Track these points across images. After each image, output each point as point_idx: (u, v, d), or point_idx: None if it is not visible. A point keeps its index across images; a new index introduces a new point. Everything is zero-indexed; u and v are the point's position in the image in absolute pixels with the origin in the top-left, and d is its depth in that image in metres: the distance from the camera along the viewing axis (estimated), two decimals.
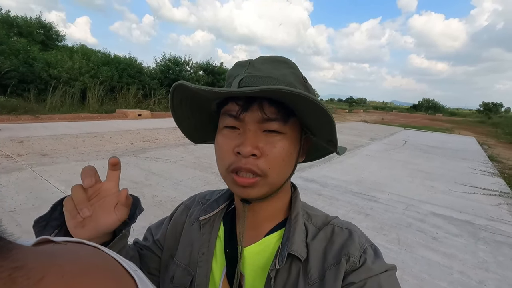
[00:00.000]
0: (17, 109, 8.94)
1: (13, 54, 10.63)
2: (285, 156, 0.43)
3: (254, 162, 0.41)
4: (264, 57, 0.46)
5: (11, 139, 5.52)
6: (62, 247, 0.21)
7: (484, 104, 56.21)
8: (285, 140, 0.43)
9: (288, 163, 0.44)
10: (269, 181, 0.43)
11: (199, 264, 0.51)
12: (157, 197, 3.38)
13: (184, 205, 0.62)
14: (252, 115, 0.41)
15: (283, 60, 0.46)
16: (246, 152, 0.40)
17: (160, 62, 16.80)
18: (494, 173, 6.47)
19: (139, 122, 9.96)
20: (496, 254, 2.73)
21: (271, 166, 0.42)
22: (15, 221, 2.54)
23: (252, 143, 0.41)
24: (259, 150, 0.41)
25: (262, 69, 0.43)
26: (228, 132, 0.44)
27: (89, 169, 0.43)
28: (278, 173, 0.43)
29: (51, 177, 3.67)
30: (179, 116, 0.48)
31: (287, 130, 0.43)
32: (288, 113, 0.42)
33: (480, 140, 13.87)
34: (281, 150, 0.42)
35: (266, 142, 0.42)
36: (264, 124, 0.42)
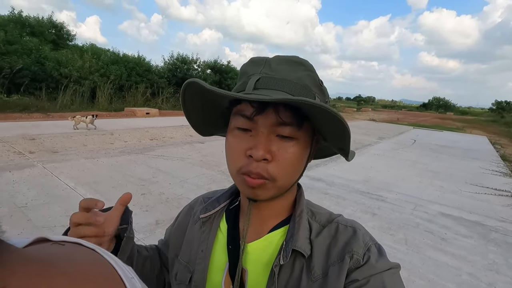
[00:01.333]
0: (29, 107, 9.15)
1: (25, 53, 10.87)
2: (296, 162, 0.43)
3: (264, 167, 0.41)
4: (280, 57, 0.45)
5: (23, 136, 5.65)
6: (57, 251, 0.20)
7: (497, 103, 54.82)
8: (298, 145, 0.43)
9: (298, 168, 0.45)
10: (278, 185, 0.43)
11: (197, 261, 0.52)
12: (164, 195, 3.41)
13: (189, 205, 0.64)
14: (266, 119, 0.41)
15: (300, 61, 0.45)
16: (258, 156, 0.40)
17: (168, 61, 16.95)
18: (506, 173, 6.32)
19: (147, 120, 10.07)
20: (507, 256, 2.67)
21: (281, 171, 0.42)
22: (27, 217, 2.60)
23: (265, 147, 0.41)
24: (271, 155, 0.41)
25: (278, 70, 0.43)
26: (240, 133, 0.43)
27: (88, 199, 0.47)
28: (287, 177, 0.44)
29: (61, 174, 3.74)
30: (189, 109, 0.48)
31: (300, 135, 0.42)
32: (303, 118, 0.41)
33: (492, 140, 13.55)
34: (292, 155, 0.42)
35: (278, 147, 0.42)
36: (278, 128, 0.41)
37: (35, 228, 2.44)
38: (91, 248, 0.23)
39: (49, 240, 0.22)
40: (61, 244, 0.21)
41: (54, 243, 0.21)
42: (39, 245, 0.21)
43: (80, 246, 0.23)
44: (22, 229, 2.41)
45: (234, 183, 0.57)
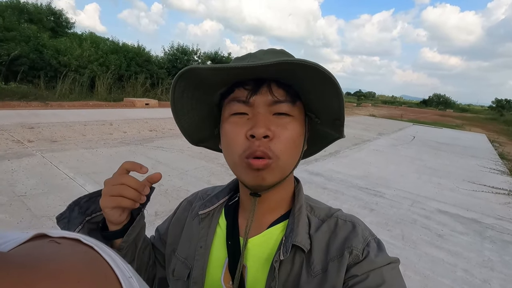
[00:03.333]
0: (28, 95, 9.07)
1: (23, 40, 10.71)
2: (296, 138, 0.44)
3: (267, 144, 0.41)
4: (263, 50, 0.47)
5: (22, 125, 5.62)
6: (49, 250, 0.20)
7: (497, 101, 54.78)
8: (295, 122, 0.44)
9: (298, 145, 0.45)
10: (281, 164, 0.43)
11: (196, 258, 0.51)
12: (163, 186, 3.42)
13: (186, 201, 0.63)
14: (261, 98, 0.42)
15: (281, 51, 0.47)
16: (259, 133, 0.40)
17: (168, 52, 16.76)
18: (504, 171, 6.35)
19: (147, 111, 10.02)
20: (502, 253, 2.70)
21: (283, 148, 0.42)
22: (26, 206, 2.61)
23: (265, 125, 0.41)
24: (272, 132, 0.41)
25: (264, 58, 0.43)
26: (236, 119, 0.44)
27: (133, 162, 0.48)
28: (289, 155, 0.44)
29: (60, 163, 3.74)
30: (179, 110, 0.48)
31: (295, 112, 0.44)
32: (295, 95, 0.43)
33: (491, 138, 13.59)
34: (292, 132, 0.43)
35: (277, 125, 0.42)
36: (274, 106, 0.42)
37: (34, 217, 2.44)
38: (89, 245, 0.22)
39: (48, 236, 0.21)
40: (57, 242, 0.21)
41: (51, 241, 0.21)
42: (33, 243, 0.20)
43: (77, 243, 0.22)
44: (21, 218, 2.41)
45: (233, 179, 0.58)
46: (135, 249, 0.53)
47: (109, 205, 0.45)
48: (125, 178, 0.46)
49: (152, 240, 0.65)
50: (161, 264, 0.62)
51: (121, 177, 0.46)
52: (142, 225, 0.53)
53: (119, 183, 0.45)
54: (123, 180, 0.46)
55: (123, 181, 0.46)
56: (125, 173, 0.47)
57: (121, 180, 0.46)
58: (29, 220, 2.39)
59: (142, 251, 0.56)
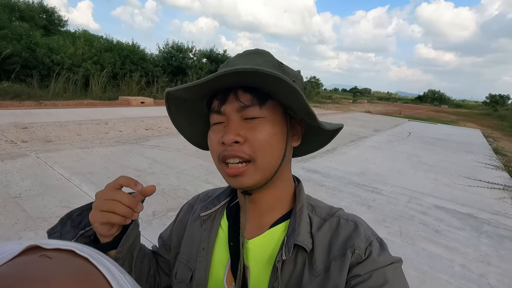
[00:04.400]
0: (21, 94, 8.94)
1: (15, 39, 10.53)
2: (269, 139, 0.44)
3: (238, 149, 0.43)
4: (240, 53, 0.48)
5: (15, 125, 5.54)
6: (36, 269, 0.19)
7: (491, 96, 55.33)
8: (266, 122, 0.44)
9: (274, 145, 0.44)
10: (258, 165, 0.44)
11: (199, 259, 0.52)
12: (161, 185, 3.39)
13: (188, 204, 0.63)
14: (230, 106, 0.43)
15: (257, 51, 0.47)
16: (228, 140, 0.42)
17: (163, 49, 16.60)
18: (498, 166, 6.42)
19: (142, 109, 9.94)
20: (499, 248, 2.73)
21: (256, 149, 0.43)
22: (21, 207, 2.57)
23: (233, 131, 0.43)
24: (242, 137, 0.43)
25: (237, 64, 0.45)
26: (216, 127, 0.46)
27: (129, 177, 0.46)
28: (265, 156, 0.44)
29: (56, 164, 3.69)
30: (180, 123, 0.51)
31: (265, 113, 0.43)
32: (264, 96, 0.43)
33: (486, 133, 13.73)
34: (263, 133, 0.43)
35: (247, 129, 0.43)
36: (243, 112, 0.43)
37: (29, 218, 2.41)
38: (84, 257, 0.21)
39: (41, 248, 0.20)
40: (48, 257, 0.20)
41: (42, 256, 0.20)
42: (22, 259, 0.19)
43: (71, 256, 0.21)
44: (17, 219, 2.38)
45: None
46: (132, 259, 0.52)
47: (98, 220, 0.44)
48: (118, 194, 0.44)
49: (155, 248, 0.65)
50: (165, 272, 0.62)
51: (114, 192, 0.44)
52: (137, 234, 0.52)
53: (111, 199, 0.44)
54: (116, 196, 0.44)
55: (116, 197, 0.44)
56: (118, 187, 0.45)
57: (114, 196, 0.44)
58: (24, 221, 2.36)
59: (140, 261, 0.55)
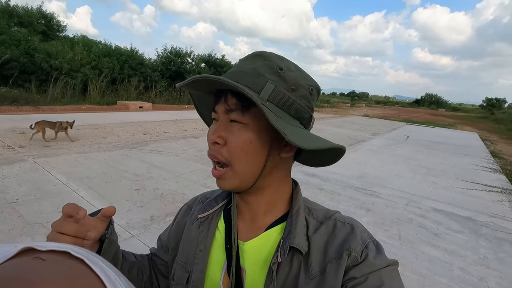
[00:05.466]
0: (19, 100, 8.92)
1: (13, 44, 10.54)
2: (244, 146, 0.44)
3: (217, 150, 0.45)
4: (248, 55, 0.49)
5: (13, 130, 5.52)
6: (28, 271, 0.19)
7: (488, 100, 55.73)
8: (245, 129, 0.44)
9: (249, 153, 0.44)
10: (235, 171, 0.45)
11: (195, 261, 0.52)
12: (159, 190, 3.38)
13: (186, 206, 0.64)
14: (220, 107, 0.45)
15: (260, 54, 0.47)
16: (209, 140, 0.46)
17: (162, 54, 16.66)
18: (496, 169, 6.45)
19: (141, 114, 9.94)
20: (497, 251, 2.73)
21: (232, 155, 0.44)
22: (18, 213, 2.55)
23: (216, 132, 0.45)
24: (223, 139, 0.44)
25: (240, 66, 0.46)
26: (213, 123, 0.48)
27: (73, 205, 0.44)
28: (241, 162, 0.44)
29: (53, 169, 3.67)
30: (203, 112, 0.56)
31: (247, 120, 0.44)
32: (250, 103, 0.42)
33: (483, 136, 13.81)
34: (240, 139, 0.44)
35: (228, 131, 0.44)
36: (229, 114, 0.44)
37: (26, 224, 2.39)
38: (79, 258, 0.21)
39: (35, 250, 0.20)
40: (42, 259, 0.20)
41: (35, 258, 0.20)
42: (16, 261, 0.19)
43: (65, 258, 0.21)
44: (13, 225, 2.36)
45: None
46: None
47: None
48: (64, 226, 0.43)
49: (154, 250, 0.65)
50: (163, 274, 0.62)
51: (61, 224, 0.43)
52: (116, 250, 0.52)
53: (59, 232, 0.43)
54: (62, 228, 0.43)
55: (61, 230, 0.43)
56: (67, 217, 0.43)
57: (60, 228, 0.43)
58: (21, 227, 2.34)
59: (127, 271, 0.56)
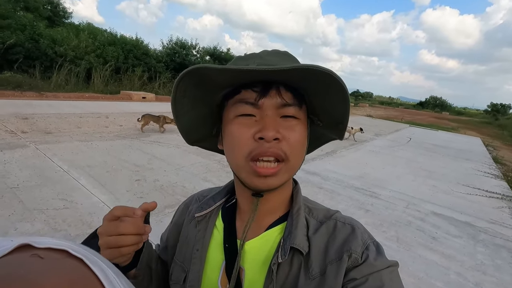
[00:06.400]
0: (22, 85, 8.93)
1: (19, 29, 10.52)
2: (303, 141, 0.44)
3: (278, 146, 0.41)
4: (268, 51, 0.47)
5: (16, 115, 5.53)
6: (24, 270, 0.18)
7: (492, 105, 55.34)
8: (301, 124, 0.44)
9: (303, 148, 0.45)
10: (290, 166, 0.43)
11: (193, 261, 0.51)
12: (159, 182, 3.39)
13: (184, 204, 0.63)
14: (270, 101, 0.42)
15: (285, 53, 0.47)
16: (270, 136, 0.40)
17: (167, 45, 16.60)
18: (497, 175, 6.42)
19: (144, 104, 9.93)
20: (495, 257, 2.72)
21: (292, 150, 0.43)
22: (18, 198, 2.56)
23: (274, 127, 0.41)
24: (281, 134, 0.42)
25: (271, 60, 0.44)
26: (243, 120, 0.43)
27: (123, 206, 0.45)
28: (298, 157, 0.44)
29: (55, 156, 3.68)
30: (179, 109, 0.47)
31: (301, 115, 0.44)
32: (301, 98, 0.43)
33: (486, 141, 13.74)
34: (299, 134, 0.43)
35: (285, 127, 0.42)
36: (282, 109, 0.42)
37: (26, 210, 2.40)
38: (78, 258, 0.20)
39: (32, 247, 0.19)
40: (40, 257, 0.19)
41: (33, 255, 0.19)
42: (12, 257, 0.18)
43: (64, 256, 0.20)
44: (13, 210, 2.37)
45: (230, 181, 0.57)
46: (150, 271, 0.54)
47: (111, 258, 0.43)
48: (121, 226, 0.42)
49: (158, 249, 0.64)
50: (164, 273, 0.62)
51: (116, 225, 0.42)
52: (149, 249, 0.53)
53: (116, 234, 0.42)
54: (119, 229, 0.42)
55: (120, 231, 0.42)
56: (116, 219, 0.43)
57: (117, 230, 0.42)
58: (21, 213, 2.35)
59: (157, 266, 0.57)
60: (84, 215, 2.45)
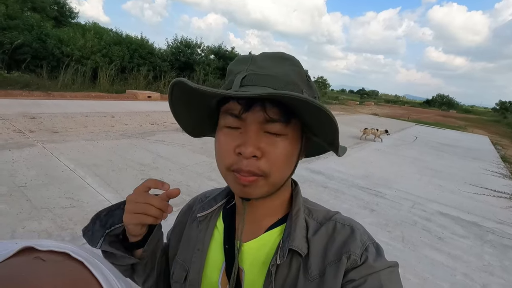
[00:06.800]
0: (30, 85, 9.04)
1: (26, 29, 10.65)
2: (286, 158, 0.43)
3: (255, 164, 0.41)
4: (267, 53, 0.46)
5: (24, 114, 5.61)
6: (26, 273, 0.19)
7: (501, 103, 54.42)
8: (286, 141, 0.42)
9: (288, 164, 0.44)
10: (270, 181, 0.43)
11: (193, 260, 0.52)
12: (164, 180, 3.40)
13: (187, 205, 0.64)
14: (254, 116, 0.40)
15: (286, 57, 0.45)
16: (247, 153, 0.40)
17: (172, 44, 16.63)
18: (506, 175, 6.33)
19: (149, 104, 10.00)
20: (502, 258, 2.69)
21: (272, 166, 0.42)
22: (26, 196, 2.60)
23: (253, 144, 0.40)
24: (260, 151, 0.41)
25: (264, 67, 0.42)
26: (229, 131, 0.43)
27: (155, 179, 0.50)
28: (279, 172, 0.43)
29: (61, 155, 3.73)
30: (178, 111, 0.47)
31: (288, 131, 0.42)
32: (290, 113, 0.41)
33: (494, 140, 13.52)
34: (282, 151, 0.42)
35: (267, 143, 0.41)
36: (266, 125, 0.41)
37: (34, 208, 2.44)
38: (79, 261, 0.21)
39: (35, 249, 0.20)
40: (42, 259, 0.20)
41: (36, 258, 0.20)
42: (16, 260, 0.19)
43: (65, 259, 0.21)
44: (21, 209, 2.41)
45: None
46: (155, 259, 0.56)
47: (133, 222, 0.48)
48: (149, 197, 0.47)
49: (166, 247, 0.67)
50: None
51: (145, 196, 0.48)
52: (160, 235, 0.56)
53: (144, 202, 0.47)
54: (147, 199, 0.47)
55: (148, 200, 0.47)
56: (147, 190, 0.48)
57: (146, 199, 0.47)
58: (29, 211, 2.39)
59: (162, 258, 0.59)
60: (90, 213, 2.47)
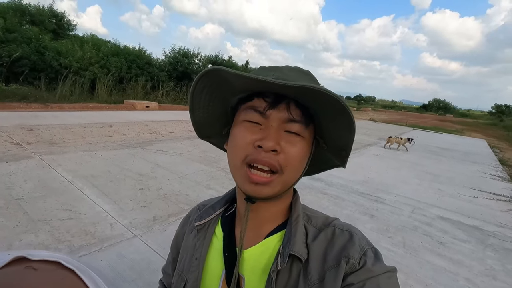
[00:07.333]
0: (28, 97, 9.07)
1: (25, 42, 10.73)
2: (301, 158, 0.45)
3: (274, 157, 0.42)
4: (290, 66, 0.48)
5: (21, 126, 5.60)
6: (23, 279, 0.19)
7: (497, 106, 54.94)
8: (304, 142, 0.45)
9: (301, 165, 0.46)
10: (284, 178, 0.44)
11: (191, 269, 0.52)
12: (162, 190, 3.39)
13: (186, 216, 0.64)
14: (278, 113, 0.43)
15: (306, 71, 0.48)
16: (268, 146, 0.42)
17: (169, 54, 16.79)
18: (504, 177, 6.33)
19: (147, 113, 10.02)
20: (505, 262, 2.66)
21: (289, 164, 0.43)
22: (23, 209, 2.58)
23: (275, 139, 0.42)
24: (280, 147, 0.43)
25: (289, 75, 0.45)
26: (249, 125, 0.44)
27: None
28: (293, 172, 0.45)
29: (59, 166, 3.71)
30: (195, 104, 0.48)
31: (306, 134, 0.45)
32: (310, 118, 0.44)
33: (491, 143, 13.59)
34: (299, 150, 0.44)
35: (287, 141, 0.43)
36: (287, 124, 0.43)
37: (31, 221, 2.41)
38: (70, 269, 0.21)
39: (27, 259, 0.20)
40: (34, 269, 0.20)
41: (27, 267, 0.20)
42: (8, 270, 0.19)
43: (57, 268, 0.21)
44: (18, 222, 2.38)
45: (230, 189, 0.58)
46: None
47: None
48: None
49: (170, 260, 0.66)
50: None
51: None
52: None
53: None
54: None
55: None
56: None
57: None
58: (26, 224, 2.36)
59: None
60: (87, 225, 2.45)
